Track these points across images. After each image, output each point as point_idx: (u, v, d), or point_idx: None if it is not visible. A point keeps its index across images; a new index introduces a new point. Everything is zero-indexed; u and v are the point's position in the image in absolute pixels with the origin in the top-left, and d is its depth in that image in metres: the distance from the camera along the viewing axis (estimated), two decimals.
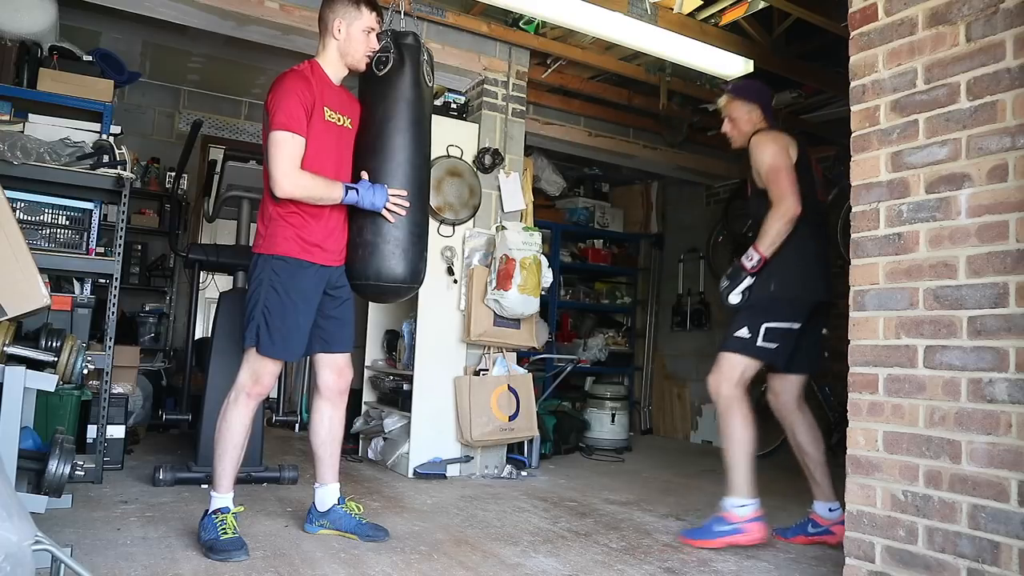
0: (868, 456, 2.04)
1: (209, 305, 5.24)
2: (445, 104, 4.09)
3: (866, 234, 2.10)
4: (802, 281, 2.71)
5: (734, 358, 2.72)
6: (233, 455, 2.42)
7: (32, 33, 3.52)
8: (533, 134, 4.85)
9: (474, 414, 3.75)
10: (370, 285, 2.53)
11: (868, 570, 2.00)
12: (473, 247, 3.94)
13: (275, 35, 3.64)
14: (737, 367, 2.71)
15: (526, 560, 2.42)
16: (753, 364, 2.73)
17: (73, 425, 3.12)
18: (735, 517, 2.62)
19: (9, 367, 2.04)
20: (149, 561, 2.18)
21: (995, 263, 1.79)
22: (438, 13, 3.77)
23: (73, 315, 3.18)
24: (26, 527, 1.36)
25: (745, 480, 2.65)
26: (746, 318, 2.72)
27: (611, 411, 5.16)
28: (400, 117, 2.52)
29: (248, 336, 2.38)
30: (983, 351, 1.80)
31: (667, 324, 6.48)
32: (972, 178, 1.85)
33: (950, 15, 1.92)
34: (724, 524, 2.62)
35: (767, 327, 2.68)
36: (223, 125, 6.23)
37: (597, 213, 6.50)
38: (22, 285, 2.17)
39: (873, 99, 2.10)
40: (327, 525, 2.59)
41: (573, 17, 3.59)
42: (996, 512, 1.73)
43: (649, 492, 3.73)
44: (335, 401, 2.61)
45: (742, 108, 2.90)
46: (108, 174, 3.17)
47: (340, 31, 2.46)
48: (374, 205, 2.42)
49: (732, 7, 3.64)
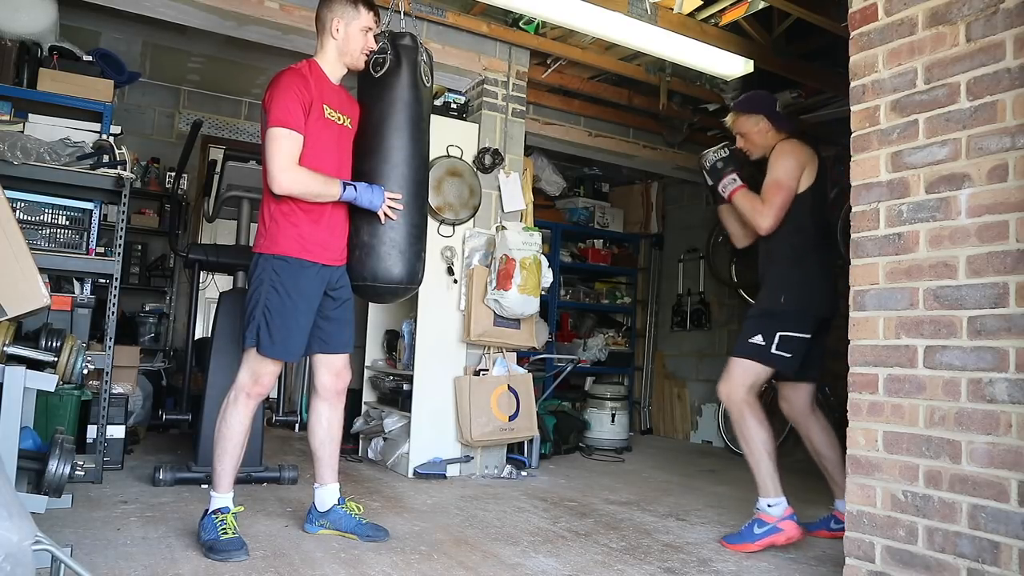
0: (868, 456, 2.04)
1: (209, 305, 5.24)
2: (445, 104, 4.09)
3: (866, 234, 2.10)
4: (809, 296, 2.74)
5: (747, 364, 2.73)
6: (233, 455, 2.42)
7: (32, 33, 3.52)
8: (533, 134, 4.85)
9: (474, 414, 3.75)
10: (368, 286, 2.53)
11: (868, 570, 2.00)
12: (473, 247, 3.94)
13: (275, 35, 3.64)
14: (750, 373, 2.72)
15: (526, 560, 2.42)
16: (765, 371, 2.73)
17: (73, 425, 3.12)
18: (770, 517, 2.63)
19: (9, 367, 2.04)
20: (149, 561, 2.18)
21: (995, 263, 1.79)
22: (438, 13, 3.77)
23: (73, 315, 3.18)
24: (26, 527, 1.36)
25: (771, 479, 2.66)
26: (760, 325, 2.73)
27: (611, 411, 5.16)
28: (397, 117, 2.51)
29: (248, 336, 2.38)
30: (983, 351, 1.80)
31: (667, 324, 6.48)
32: (972, 178, 1.85)
33: (950, 15, 1.92)
34: (762, 525, 2.63)
35: (781, 335, 2.68)
36: (223, 125, 6.23)
37: (597, 213, 6.50)
38: (22, 285, 2.17)
39: (873, 99, 2.10)
40: (327, 525, 2.59)
41: (573, 17, 3.58)
42: (996, 512, 1.73)
43: (649, 492, 3.73)
44: (333, 402, 2.61)
45: (748, 121, 2.93)
46: (108, 174, 3.17)
47: (338, 31, 2.46)
48: (372, 204, 2.42)
49: (732, 7, 3.64)
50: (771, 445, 2.69)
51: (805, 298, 2.73)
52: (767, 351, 2.69)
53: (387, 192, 2.45)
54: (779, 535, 2.60)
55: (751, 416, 2.69)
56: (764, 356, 2.70)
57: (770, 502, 2.64)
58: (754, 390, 2.73)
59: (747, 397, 2.71)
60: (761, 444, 2.68)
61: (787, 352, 2.69)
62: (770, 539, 2.60)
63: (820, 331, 2.80)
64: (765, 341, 2.70)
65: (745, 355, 2.74)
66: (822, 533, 2.84)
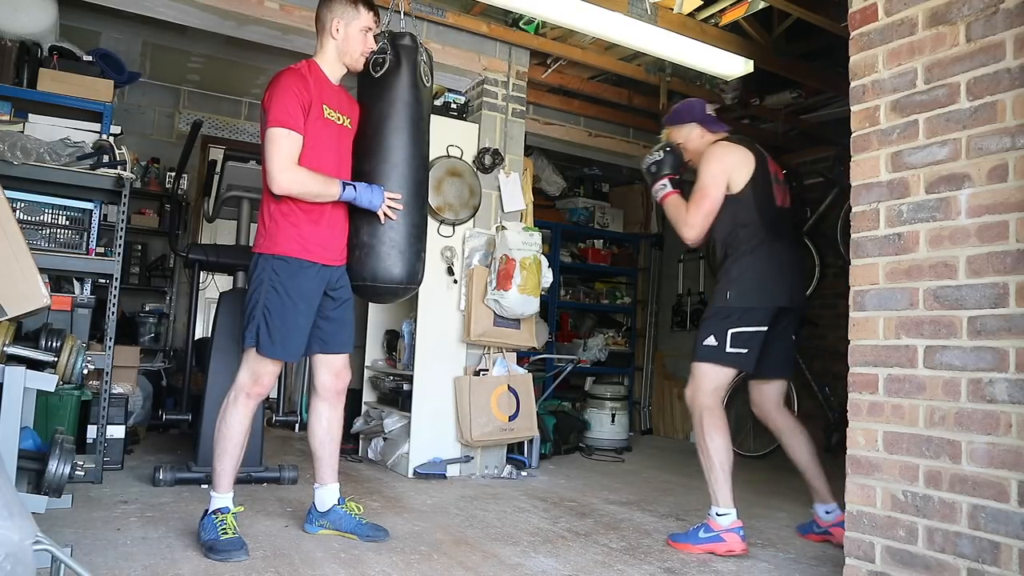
0: (868, 456, 2.04)
1: (209, 305, 5.24)
2: (445, 104, 4.09)
3: (866, 234, 2.10)
4: (757, 292, 2.69)
5: (706, 367, 2.70)
6: (233, 455, 2.42)
7: (32, 33, 3.52)
8: (533, 134, 4.86)
9: (474, 414, 3.75)
10: (367, 286, 2.53)
11: (868, 570, 2.00)
12: (473, 247, 3.94)
13: (275, 35, 3.64)
14: (710, 376, 2.69)
15: (526, 560, 2.42)
16: (726, 372, 2.70)
17: (73, 425, 3.12)
18: (716, 525, 2.62)
19: (9, 367, 2.04)
20: (149, 561, 2.18)
21: (995, 263, 1.79)
22: (438, 13, 3.78)
23: (73, 315, 3.18)
24: (27, 526, 1.36)
25: (722, 489, 2.63)
26: (711, 326, 2.71)
27: (611, 411, 5.16)
28: (397, 117, 2.51)
29: (248, 336, 2.38)
30: (983, 351, 1.80)
31: (667, 324, 6.48)
32: (972, 178, 1.85)
33: (950, 15, 1.92)
34: (708, 531, 2.62)
35: (733, 332, 2.66)
36: (223, 125, 6.24)
37: (597, 213, 6.50)
38: (22, 285, 2.17)
39: (873, 99, 2.10)
40: (327, 525, 2.59)
41: (573, 17, 3.58)
42: (996, 512, 1.73)
43: (649, 492, 3.73)
44: (333, 402, 2.61)
45: (681, 132, 2.92)
46: (108, 174, 3.17)
47: (338, 31, 2.46)
48: (372, 204, 2.42)
49: (732, 7, 3.64)
50: (728, 454, 2.65)
51: (753, 291, 2.68)
52: (722, 351, 2.67)
53: (387, 192, 2.45)
54: (720, 544, 2.58)
55: (710, 423, 2.66)
56: (720, 356, 2.67)
57: (719, 511, 2.62)
58: (718, 394, 2.71)
59: (708, 402, 2.68)
60: (716, 452, 2.64)
61: (742, 348, 2.66)
62: (711, 546, 2.59)
63: (784, 324, 2.77)
64: (718, 341, 2.67)
65: (702, 359, 2.71)
66: (811, 537, 2.83)
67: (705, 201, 2.71)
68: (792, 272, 2.82)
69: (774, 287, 2.71)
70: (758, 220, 2.72)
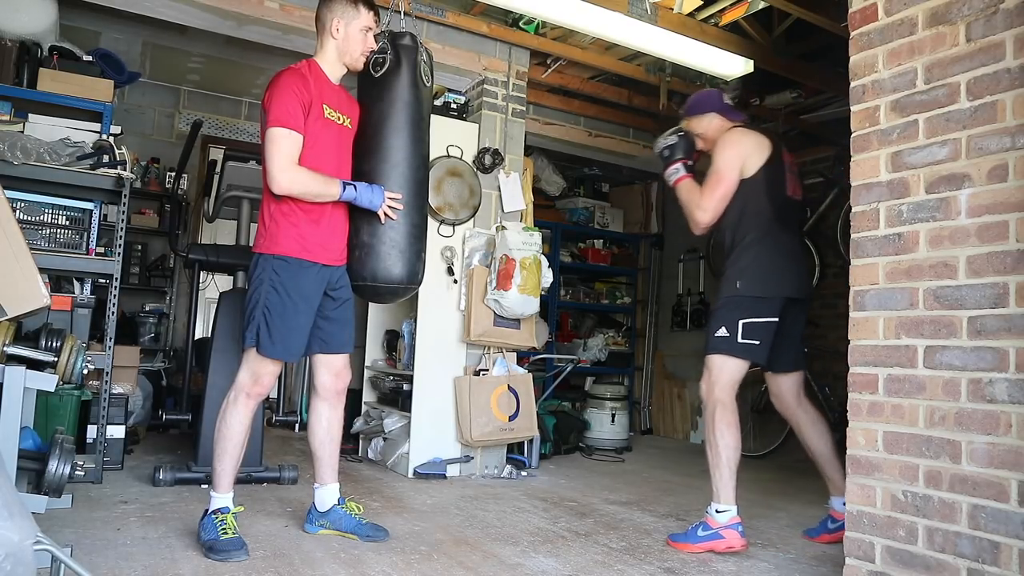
0: (868, 456, 2.04)
1: (209, 305, 5.24)
2: (445, 104, 4.09)
3: (866, 234, 2.10)
4: (766, 281, 2.69)
5: (720, 360, 2.70)
6: (233, 455, 2.42)
7: (32, 33, 3.52)
8: (533, 134, 4.86)
9: (474, 414, 3.75)
10: (368, 286, 2.53)
11: (868, 570, 2.00)
12: (473, 247, 3.94)
13: (275, 35, 3.65)
14: (726, 369, 2.69)
15: (526, 560, 2.42)
16: (740, 364, 2.70)
17: (73, 425, 3.12)
18: (715, 522, 2.61)
19: (9, 367, 2.04)
20: (149, 561, 2.18)
21: (995, 263, 1.79)
22: (438, 13, 3.78)
23: (73, 315, 3.18)
24: (27, 526, 1.36)
25: (725, 485, 2.63)
26: (722, 316, 2.71)
27: (611, 411, 5.16)
28: (397, 117, 2.52)
29: (248, 336, 2.38)
30: (983, 351, 1.79)
31: (667, 324, 6.48)
32: (972, 178, 1.85)
33: (950, 15, 1.92)
34: (706, 529, 2.62)
35: (744, 323, 2.66)
36: (223, 125, 6.24)
37: (597, 213, 6.50)
38: (22, 285, 2.17)
39: (873, 99, 2.10)
40: (327, 525, 2.59)
41: (573, 17, 3.59)
42: (996, 512, 1.73)
43: (649, 492, 3.73)
44: (333, 402, 2.61)
45: (700, 122, 2.92)
46: (108, 174, 3.17)
47: (338, 31, 2.46)
48: (372, 204, 2.42)
49: (732, 7, 3.64)
50: (736, 452, 2.64)
51: (763, 281, 2.68)
52: (734, 341, 2.66)
53: (387, 192, 2.46)
54: (720, 542, 2.58)
55: (722, 418, 2.65)
56: (732, 347, 2.67)
57: (719, 507, 2.62)
58: (734, 389, 2.70)
59: (724, 397, 2.67)
60: (724, 449, 2.63)
61: (754, 339, 2.65)
62: (711, 544, 2.58)
63: (793, 314, 2.77)
64: (729, 332, 2.66)
65: (715, 350, 2.70)
66: (823, 538, 2.79)
67: (720, 185, 2.72)
68: (799, 263, 2.83)
69: (782, 277, 2.72)
70: (768, 207, 2.72)
